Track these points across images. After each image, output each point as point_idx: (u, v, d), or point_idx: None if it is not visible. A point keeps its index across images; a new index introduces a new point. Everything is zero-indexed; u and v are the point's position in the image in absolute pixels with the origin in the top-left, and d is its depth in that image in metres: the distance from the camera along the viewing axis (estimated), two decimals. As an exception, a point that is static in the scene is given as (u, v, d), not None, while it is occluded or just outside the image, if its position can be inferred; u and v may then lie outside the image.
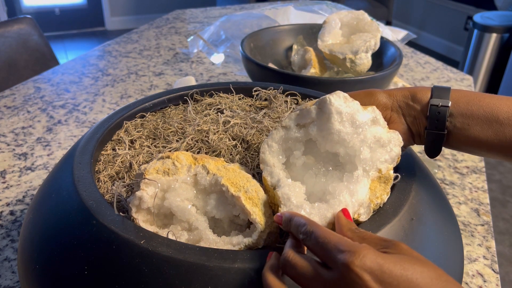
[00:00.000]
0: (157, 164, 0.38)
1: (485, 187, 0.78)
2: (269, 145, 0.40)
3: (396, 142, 0.39)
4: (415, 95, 0.43)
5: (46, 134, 0.89)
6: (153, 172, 0.37)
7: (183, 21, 1.66)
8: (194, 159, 0.39)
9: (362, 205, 0.37)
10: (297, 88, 0.60)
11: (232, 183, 0.37)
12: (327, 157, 0.40)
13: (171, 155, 0.38)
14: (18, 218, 0.66)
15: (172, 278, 0.32)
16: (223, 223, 0.38)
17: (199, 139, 0.49)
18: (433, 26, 3.65)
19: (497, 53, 2.43)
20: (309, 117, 0.39)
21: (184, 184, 0.37)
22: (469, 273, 0.60)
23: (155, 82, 1.14)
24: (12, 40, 1.26)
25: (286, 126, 0.40)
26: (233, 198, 0.36)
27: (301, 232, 0.31)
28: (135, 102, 0.55)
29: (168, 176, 0.37)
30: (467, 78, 1.25)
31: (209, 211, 0.37)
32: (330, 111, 0.38)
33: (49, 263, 0.36)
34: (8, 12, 3.48)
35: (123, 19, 4.07)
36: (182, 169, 0.38)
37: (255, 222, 0.35)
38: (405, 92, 0.44)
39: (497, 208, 1.90)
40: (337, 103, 0.38)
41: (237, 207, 0.36)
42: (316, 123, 0.39)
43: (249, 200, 0.36)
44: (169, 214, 0.37)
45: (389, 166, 0.39)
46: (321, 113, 0.39)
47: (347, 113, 0.38)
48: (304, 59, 0.94)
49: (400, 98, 0.43)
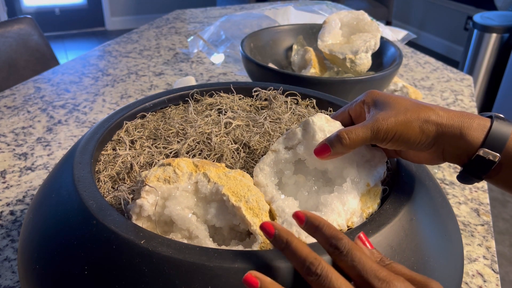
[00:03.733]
0: (158, 172, 0.38)
1: (485, 187, 0.78)
2: (261, 168, 0.42)
3: (380, 158, 0.42)
4: (465, 136, 0.37)
5: (46, 134, 0.89)
6: (154, 180, 0.37)
7: (183, 21, 1.66)
8: (195, 166, 0.39)
9: (355, 214, 0.38)
10: (297, 88, 0.60)
11: (233, 193, 0.37)
12: (316, 175, 0.42)
13: (172, 162, 0.38)
14: (18, 218, 0.66)
15: (172, 278, 0.32)
16: (223, 231, 0.38)
17: (201, 141, 0.49)
18: (433, 26, 3.65)
19: (497, 53, 2.43)
20: (295, 138, 0.42)
21: (185, 192, 0.38)
22: (469, 273, 0.60)
23: (155, 82, 1.14)
24: (12, 40, 1.27)
25: (275, 150, 0.43)
26: (233, 208, 0.36)
27: (333, 245, 0.31)
28: (135, 102, 0.55)
29: (168, 184, 0.37)
30: (467, 78, 1.25)
31: (209, 219, 0.37)
32: (314, 130, 0.41)
33: (49, 263, 0.36)
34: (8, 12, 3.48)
35: (123, 19, 4.07)
36: (183, 177, 0.38)
37: (256, 234, 0.35)
38: (456, 131, 0.37)
39: (497, 208, 1.90)
40: (320, 122, 0.42)
41: (237, 216, 0.36)
42: (302, 143, 0.42)
43: (250, 210, 0.36)
44: (169, 222, 0.38)
45: (375, 180, 0.41)
46: (305, 133, 0.42)
47: (330, 131, 0.41)
48: (304, 59, 0.94)
49: (448, 141, 0.38)
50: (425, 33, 3.71)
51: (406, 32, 1.21)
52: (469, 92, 1.17)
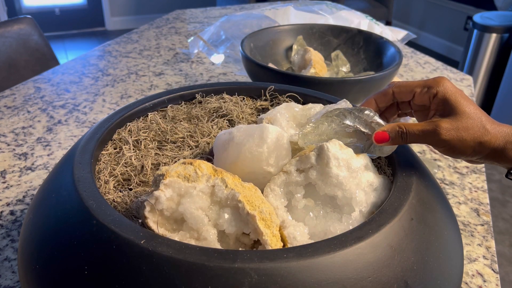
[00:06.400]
0: (179, 168, 0.38)
1: (485, 187, 0.78)
2: (272, 189, 0.43)
3: (386, 185, 0.43)
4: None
5: (46, 134, 0.89)
6: (174, 175, 0.37)
7: (183, 21, 1.66)
8: (214, 171, 0.39)
9: None
10: (297, 88, 0.60)
11: (248, 201, 0.37)
12: (325, 200, 0.43)
13: (193, 162, 0.39)
14: (18, 218, 0.66)
15: (172, 278, 0.32)
16: (229, 240, 0.38)
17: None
18: (433, 26, 3.65)
19: (497, 53, 2.43)
20: (308, 162, 0.43)
21: (201, 193, 0.38)
22: (469, 273, 0.60)
23: (155, 82, 1.14)
24: (12, 40, 1.27)
25: (287, 171, 0.43)
26: (247, 216, 0.36)
27: None
28: (135, 102, 0.55)
29: (187, 182, 0.37)
30: (467, 78, 1.25)
31: (220, 224, 0.37)
32: (328, 156, 0.42)
33: (49, 263, 0.36)
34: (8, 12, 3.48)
35: (123, 19, 4.07)
36: (202, 178, 0.38)
37: (265, 244, 0.36)
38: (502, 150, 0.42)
39: (497, 208, 1.90)
40: (334, 149, 0.42)
41: (249, 225, 0.36)
42: (315, 168, 0.42)
43: (263, 221, 0.36)
44: (180, 220, 0.38)
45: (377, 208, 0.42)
46: (319, 158, 0.42)
47: (343, 158, 0.42)
48: (304, 59, 0.94)
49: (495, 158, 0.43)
50: (425, 33, 3.71)
51: (406, 32, 1.21)
52: (469, 92, 1.17)
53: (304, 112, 0.52)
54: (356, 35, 1.02)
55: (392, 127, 0.43)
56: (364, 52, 1.00)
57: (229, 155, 0.43)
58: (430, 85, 0.44)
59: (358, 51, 1.01)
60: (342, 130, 0.46)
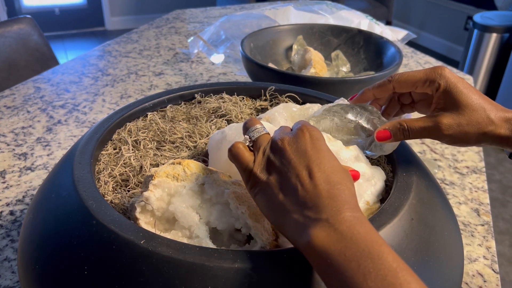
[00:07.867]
0: (167, 168, 0.38)
1: (485, 187, 0.78)
2: None
3: (379, 176, 0.43)
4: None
5: (46, 134, 0.89)
6: (163, 175, 0.38)
7: (183, 21, 1.66)
8: (203, 169, 0.40)
9: None
10: (297, 88, 0.60)
11: (238, 197, 0.37)
12: None
13: (182, 162, 0.39)
14: (18, 218, 0.66)
15: (172, 278, 0.31)
16: (223, 237, 0.38)
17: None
18: (433, 26, 3.65)
19: (497, 53, 2.43)
20: None
21: (191, 191, 0.38)
22: (469, 273, 0.60)
23: (155, 82, 1.14)
24: (12, 40, 1.27)
25: None
26: (237, 210, 0.36)
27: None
28: (135, 102, 0.55)
29: (176, 181, 0.38)
30: (467, 78, 1.25)
31: (212, 221, 0.38)
32: None
33: (49, 263, 0.36)
34: (8, 12, 3.48)
35: (123, 19, 4.07)
36: (191, 177, 0.38)
37: (256, 237, 0.36)
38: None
39: (497, 208, 1.90)
40: None
41: (240, 220, 0.37)
42: None
43: (253, 215, 0.36)
44: (171, 219, 0.38)
45: (375, 198, 0.42)
46: None
47: (332, 150, 0.42)
48: (304, 59, 0.94)
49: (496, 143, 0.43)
50: (425, 33, 3.71)
51: (406, 32, 1.21)
52: (469, 92, 1.16)
53: (302, 112, 0.52)
54: (356, 35, 1.02)
55: (393, 124, 0.44)
56: (364, 52, 1.00)
57: (223, 154, 0.43)
58: (432, 78, 0.43)
59: (358, 51, 1.01)
60: (344, 124, 0.46)
